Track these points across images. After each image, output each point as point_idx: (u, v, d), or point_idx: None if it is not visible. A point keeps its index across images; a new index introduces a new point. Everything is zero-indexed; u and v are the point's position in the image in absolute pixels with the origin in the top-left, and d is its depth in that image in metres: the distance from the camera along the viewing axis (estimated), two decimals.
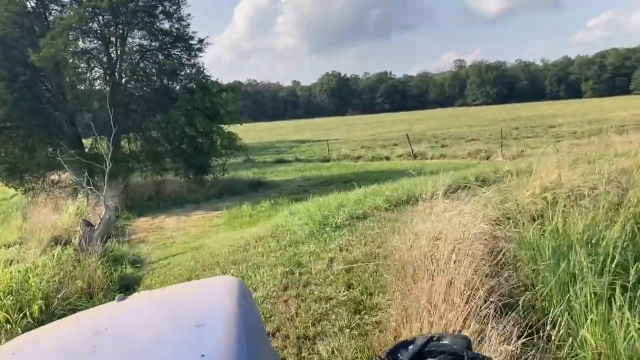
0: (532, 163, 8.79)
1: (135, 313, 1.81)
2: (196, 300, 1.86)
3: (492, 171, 10.32)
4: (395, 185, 10.01)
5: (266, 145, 51.63)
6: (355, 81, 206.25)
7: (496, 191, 6.97)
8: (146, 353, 1.41)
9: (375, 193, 8.76)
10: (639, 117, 44.82)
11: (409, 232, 5.57)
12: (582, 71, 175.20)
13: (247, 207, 16.01)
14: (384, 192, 8.73)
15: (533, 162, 8.86)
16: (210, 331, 1.45)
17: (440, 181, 6.81)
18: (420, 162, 24.38)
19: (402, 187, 9.20)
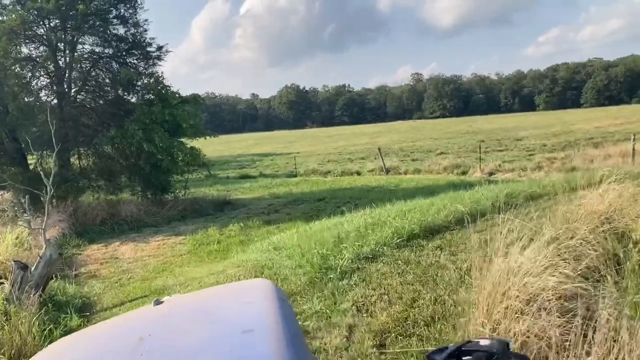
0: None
1: (176, 318, 1.73)
2: (236, 304, 1.79)
3: (518, 192, 8.97)
4: (395, 209, 8.63)
5: (227, 159, 49.74)
6: (314, 94, 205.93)
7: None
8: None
9: (376, 222, 7.36)
10: (603, 129, 45.14)
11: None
12: (535, 84, 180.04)
13: (214, 230, 14.35)
14: (388, 220, 7.34)
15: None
16: (259, 338, 1.42)
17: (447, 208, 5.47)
18: (394, 178, 23.16)
19: (407, 214, 7.83)
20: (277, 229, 13.94)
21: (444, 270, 5.12)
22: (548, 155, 25.52)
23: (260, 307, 1.68)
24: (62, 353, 1.66)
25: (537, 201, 7.94)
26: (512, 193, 8.32)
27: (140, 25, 19.69)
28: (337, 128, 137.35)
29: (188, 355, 1.41)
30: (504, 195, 8.14)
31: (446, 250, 5.87)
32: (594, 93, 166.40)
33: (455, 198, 8.73)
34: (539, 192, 8.38)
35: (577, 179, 9.22)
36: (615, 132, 39.77)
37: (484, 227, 6.81)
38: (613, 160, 20.32)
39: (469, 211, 7.52)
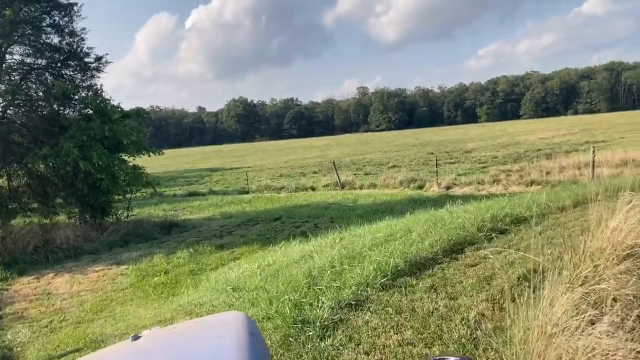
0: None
1: (150, 354, 1.79)
2: (208, 339, 1.84)
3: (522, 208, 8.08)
4: (368, 237, 7.66)
5: (174, 175, 47.82)
6: (262, 107, 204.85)
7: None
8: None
9: (352, 254, 6.36)
10: (548, 140, 46.03)
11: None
12: (477, 97, 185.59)
13: (160, 258, 13.03)
14: (364, 251, 6.36)
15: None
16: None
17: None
18: (351, 193, 22.33)
19: (385, 243, 6.88)
20: (231, 255, 12.78)
21: (449, 323, 4.19)
22: (502, 168, 25.36)
23: (230, 342, 1.71)
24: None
25: (526, 225, 7.18)
26: (497, 216, 7.52)
27: (76, 34, 18.16)
28: (286, 141, 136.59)
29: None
30: (488, 219, 7.33)
31: (442, 292, 4.95)
32: (532, 105, 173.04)
33: (435, 222, 7.87)
34: (524, 213, 7.63)
35: (560, 198, 8.57)
36: (560, 143, 40.53)
37: (475, 259, 5.96)
38: (569, 172, 20.21)
39: (455, 239, 6.67)
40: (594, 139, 41.15)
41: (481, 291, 4.83)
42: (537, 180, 19.05)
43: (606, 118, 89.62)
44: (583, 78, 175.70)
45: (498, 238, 6.74)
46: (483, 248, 6.33)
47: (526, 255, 5.55)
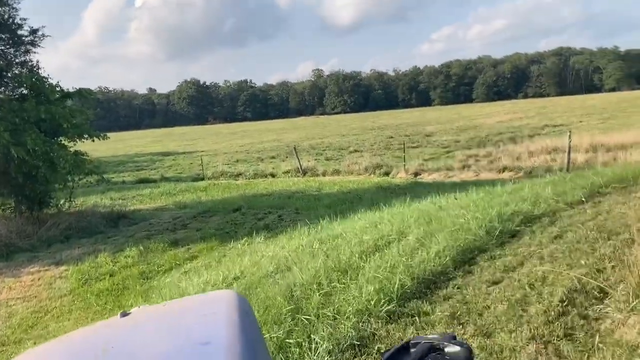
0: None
1: (140, 330, 1.76)
2: (199, 316, 1.78)
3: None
4: (354, 240, 6.41)
5: (123, 160, 45.40)
6: (215, 89, 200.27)
7: None
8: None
9: (340, 266, 5.12)
10: (506, 124, 45.99)
11: None
12: (431, 80, 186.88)
13: (106, 257, 11.52)
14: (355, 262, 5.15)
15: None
16: (214, 350, 1.44)
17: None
18: (314, 180, 21.11)
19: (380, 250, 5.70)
20: (187, 253, 11.39)
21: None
22: (468, 153, 24.65)
23: (221, 319, 1.68)
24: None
25: (539, 225, 6.14)
26: (503, 214, 6.46)
27: (6, 3, 16.09)
28: (240, 124, 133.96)
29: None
30: (495, 217, 6.25)
31: (469, 324, 3.83)
32: (484, 89, 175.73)
33: (428, 221, 6.75)
34: (532, 210, 6.61)
35: (566, 190, 7.59)
36: (520, 127, 40.45)
37: (494, 272, 4.87)
38: (540, 158, 19.62)
39: (462, 245, 5.55)
40: (552, 123, 41.30)
41: (520, 323, 3.73)
42: (509, 167, 18.33)
43: (557, 102, 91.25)
44: (533, 62, 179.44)
45: (511, 243, 5.67)
46: (498, 257, 5.24)
47: (556, 268, 4.49)
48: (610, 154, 18.12)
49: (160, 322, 1.83)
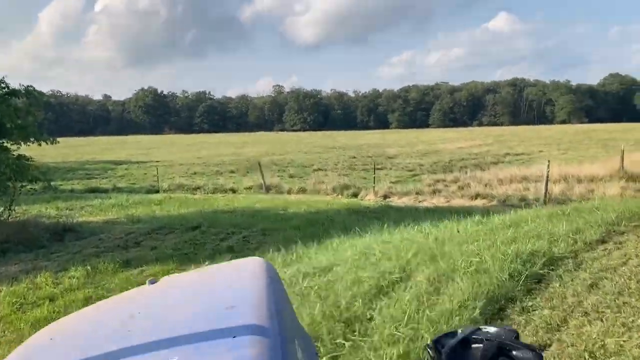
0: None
1: (167, 296, 1.80)
2: (226, 282, 1.82)
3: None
4: (342, 262, 5.37)
5: (73, 166, 43.06)
6: (173, 99, 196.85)
7: None
8: (179, 336, 1.39)
9: (344, 316, 4.04)
10: (466, 150, 46.18)
11: None
12: (389, 104, 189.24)
13: (47, 277, 10.08)
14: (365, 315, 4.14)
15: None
16: (240, 314, 1.46)
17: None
18: (279, 198, 20.02)
19: (385, 295, 4.70)
20: (141, 276, 10.10)
21: None
22: (435, 177, 24.13)
23: (247, 284, 1.69)
24: (60, 330, 1.71)
25: (564, 268, 5.33)
26: (521, 253, 5.61)
27: None
28: (197, 135, 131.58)
29: (173, 330, 1.42)
30: (512, 257, 5.39)
31: None
32: (440, 114, 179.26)
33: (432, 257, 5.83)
34: (552, 249, 5.80)
35: (582, 228, 6.84)
36: (481, 154, 40.59)
37: (536, 332, 3.96)
38: (512, 186, 19.18)
39: (487, 291, 4.65)
40: (513, 151, 41.64)
41: None
42: (481, 194, 17.77)
43: (513, 131, 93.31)
44: (489, 91, 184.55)
45: (539, 290, 4.82)
46: (531, 309, 4.38)
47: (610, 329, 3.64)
48: (583, 186, 17.83)
49: (187, 288, 1.85)
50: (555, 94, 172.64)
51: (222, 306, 1.51)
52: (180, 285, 1.92)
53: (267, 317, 1.39)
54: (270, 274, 1.78)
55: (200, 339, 1.36)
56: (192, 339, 1.37)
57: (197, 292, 1.78)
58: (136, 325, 1.52)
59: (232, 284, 1.76)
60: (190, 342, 1.35)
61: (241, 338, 1.30)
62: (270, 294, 1.57)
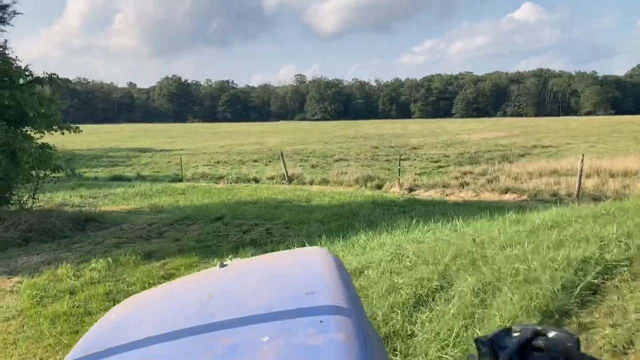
0: None
1: (241, 278, 1.83)
2: (297, 269, 1.85)
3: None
4: (373, 266, 4.98)
5: (97, 154, 43.35)
6: (196, 87, 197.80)
7: None
8: (266, 317, 1.41)
9: (375, 325, 3.74)
10: (492, 141, 45.25)
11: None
12: (412, 93, 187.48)
13: (68, 269, 9.91)
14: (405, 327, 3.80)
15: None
16: (322, 299, 1.47)
17: None
18: (301, 189, 19.68)
19: (426, 307, 4.33)
20: (163, 269, 9.90)
21: None
22: (462, 170, 23.50)
23: (321, 271, 1.71)
24: (135, 309, 1.72)
25: (620, 278, 4.87)
26: (572, 259, 5.15)
27: None
28: (220, 124, 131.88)
29: (256, 313, 1.44)
30: (564, 265, 4.95)
31: None
32: (464, 104, 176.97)
33: (472, 261, 5.41)
34: (604, 256, 5.34)
35: (633, 232, 6.35)
36: (508, 145, 39.63)
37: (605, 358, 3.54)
38: (543, 180, 18.53)
39: (539, 305, 4.23)
40: (540, 143, 40.64)
41: None
42: (511, 188, 17.18)
43: (538, 122, 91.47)
44: (513, 82, 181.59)
45: (595, 303, 4.39)
46: (591, 326, 3.95)
47: None
48: (617, 181, 17.13)
49: (259, 273, 1.87)
50: (580, 85, 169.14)
51: (301, 291, 1.54)
52: (252, 269, 1.93)
53: (347, 303, 1.42)
54: (338, 263, 1.81)
55: (287, 321, 1.38)
56: (280, 320, 1.39)
57: (272, 277, 1.79)
58: (217, 305, 1.54)
59: (305, 269, 1.78)
60: (278, 323, 1.38)
61: (328, 322, 1.32)
62: (344, 283, 1.59)
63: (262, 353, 1.25)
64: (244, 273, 1.87)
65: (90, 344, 1.53)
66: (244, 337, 1.35)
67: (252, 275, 1.84)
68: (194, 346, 1.36)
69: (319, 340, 1.25)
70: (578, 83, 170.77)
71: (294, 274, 1.78)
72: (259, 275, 1.84)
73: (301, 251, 2.19)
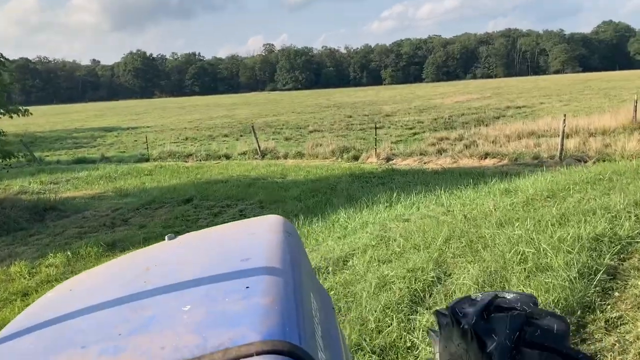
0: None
1: (183, 250, 1.78)
2: (242, 237, 1.80)
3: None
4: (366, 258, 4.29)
5: (61, 135, 41.60)
6: (162, 61, 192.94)
7: None
8: (193, 286, 1.36)
9: (368, 336, 3.10)
10: (466, 104, 44.83)
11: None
12: (382, 59, 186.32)
13: (22, 266, 9.05)
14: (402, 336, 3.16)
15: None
16: (254, 264, 1.43)
17: None
18: (275, 164, 18.85)
19: None
20: None
21: None
22: (438, 136, 22.91)
23: (263, 238, 1.67)
24: (81, 282, 1.75)
25: (638, 256, 4.28)
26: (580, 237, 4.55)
27: None
28: (188, 98, 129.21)
29: (187, 281, 1.41)
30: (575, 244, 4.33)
31: None
32: (434, 68, 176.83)
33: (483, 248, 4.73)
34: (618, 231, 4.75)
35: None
36: (481, 107, 39.24)
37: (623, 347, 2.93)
38: (522, 143, 18.08)
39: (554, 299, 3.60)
40: (513, 104, 40.34)
41: None
42: (491, 152, 16.65)
43: (509, 83, 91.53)
44: (481, 43, 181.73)
45: (617, 291, 3.78)
46: (619, 323, 3.33)
47: None
48: (598, 140, 16.74)
49: (204, 243, 1.85)
50: (548, 43, 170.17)
51: (237, 258, 1.49)
52: (198, 240, 1.90)
53: (281, 269, 1.38)
54: (288, 229, 1.78)
55: (213, 288, 1.33)
56: (205, 288, 1.35)
57: (214, 246, 1.76)
58: (151, 276, 1.51)
59: (249, 238, 1.76)
60: (203, 291, 1.32)
61: (254, 287, 1.27)
62: (285, 247, 1.55)
63: (179, 322, 1.18)
64: (190, 244, 1.82)
65: (19, 324, 1.46)
66: (165, 307, 1.29)
67: (196, 246, 1.80)
68: (112, 319, 1.30)
69: (241, 306, 1.20)
70: (546, 42, 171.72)
71: (235, 242, 1.75)
72: (203, 245, 1.80)
73: (255, 220, 2.05)
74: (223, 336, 1.07)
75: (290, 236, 1.71)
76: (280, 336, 1.06)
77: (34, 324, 1.40)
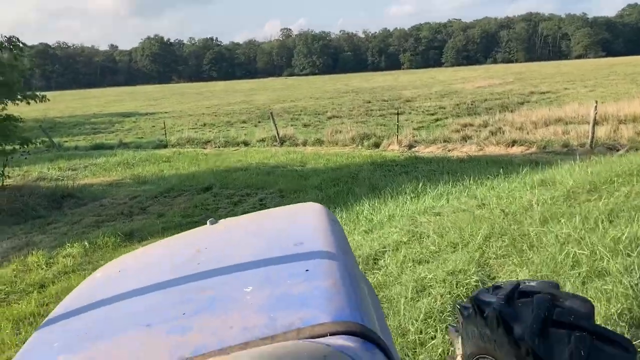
0: None
1: (231, 234, 1.81)
2: (288, 223, 1.82)
3: None
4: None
5: (80, 121, 41.69)
6: (180, 47, 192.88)
7: None
8: (251, 269, 1.40)
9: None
10: (488, 89, 43.93)
11: None
12: (401, 43, 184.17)
13: (40, 256, 8.87)
14: None
15: None
16: (309, 249, 1.47)
17: None
18: (295, 152, 18.48)
19: None
20: None
21: None
22: (461, 122, 22.32)
23: (312, 223, 1.69)
24: (121, 267, 1.74)
25: None
26: (638, 238, 4.15)
27: None
28: (206, 84, 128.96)
29: (242, 263, 1.45)
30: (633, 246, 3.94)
31: None
32: (453, 53, 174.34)
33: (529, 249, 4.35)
34: None
35: None
36: (504, 93, 38.38)
37: None
38: (550, 130, 17.47)
39: (617, 312, 3.22)
40: (537, 90, 39.39)
41: None
42: (518, 140, 16.10)
43: (531, 67, 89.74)
44: (502, 27, 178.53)
45: None
46: None
47: None
48: (629, 127, 16.11)
49: (249, 228, 1.84)
50: (570, 27, 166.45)
51: (289, 242, 1.51)
52: (242, 225, 1.89)
53: (335, 253, 1.39)
54: (331, 216, 1.77)
55: (272, 270, 1.36)
56: (263, 270, 1.38)
57: (261, 231, 1.77)
58: (203, 258, 1.52)
59: (296, 224, 1.75)
60: (262, 273, 1.36)
61: (314, 270, 1.30)
62: (335, 234, 1.56)
63: (243, 303, 1.19)
64: (234, 229, 1.84)
65: (71, 302, 1.48)
66: (225, 288, 1.30)
67: (241, 231, 1.82)
68: (171, 299, 1.31)
69: (304, 288, 1.21)
70: (568, 26, 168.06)
71: (283, 227, 1.76)
72: (248, 230, 1.82)
73: (293, 207, 2.08)
74: (292, 316, 1.08)
75: (335, 223, 1.72)
76: (349, 317, 1.07)
77: (88, 302, 1.44)
